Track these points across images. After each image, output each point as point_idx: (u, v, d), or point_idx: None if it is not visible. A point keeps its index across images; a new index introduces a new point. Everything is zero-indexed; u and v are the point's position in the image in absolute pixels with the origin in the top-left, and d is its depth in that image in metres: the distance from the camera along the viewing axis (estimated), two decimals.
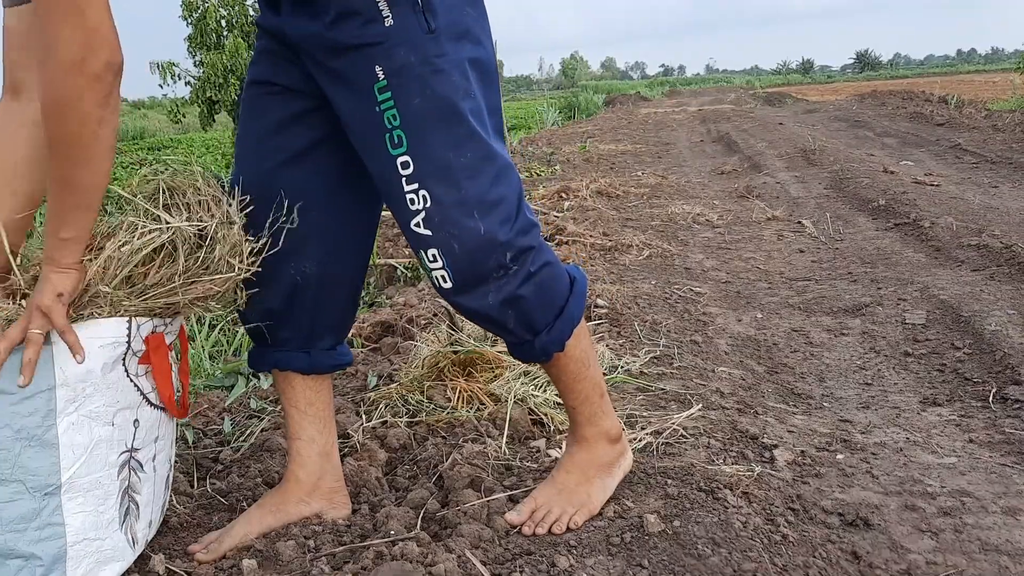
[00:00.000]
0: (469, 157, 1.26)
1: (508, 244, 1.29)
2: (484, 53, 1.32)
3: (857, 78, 60.57)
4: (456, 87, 1.26)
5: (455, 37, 1.27)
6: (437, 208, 1.26)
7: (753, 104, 20.35)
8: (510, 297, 1.32)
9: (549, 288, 1.37)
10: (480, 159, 1.27)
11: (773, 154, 8.43)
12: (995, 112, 11.39)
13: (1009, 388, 2.24)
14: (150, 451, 1.34)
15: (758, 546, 1.39)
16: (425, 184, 1.26)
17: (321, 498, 1.53)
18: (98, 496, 1.24)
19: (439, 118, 1.25)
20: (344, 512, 1.55)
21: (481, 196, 1.27)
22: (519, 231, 1.31)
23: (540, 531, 1.43)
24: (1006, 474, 1.74)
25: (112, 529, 1.27)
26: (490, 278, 1.30)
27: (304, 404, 1.51)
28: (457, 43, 1.27)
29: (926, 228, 4.31)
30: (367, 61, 1.24)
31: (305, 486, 1.52)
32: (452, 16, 1.26)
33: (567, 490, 1.48)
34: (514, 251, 1.30)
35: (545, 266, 1.36)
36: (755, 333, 2.95)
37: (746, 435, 1.90)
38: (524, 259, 1.32)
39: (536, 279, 1.34)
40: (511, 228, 1.30)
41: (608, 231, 4.49)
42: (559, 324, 1.39)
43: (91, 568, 1.24)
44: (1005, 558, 1.42)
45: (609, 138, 11.76)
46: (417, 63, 1.24)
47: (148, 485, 1.34)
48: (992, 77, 29.92)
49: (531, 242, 1.33)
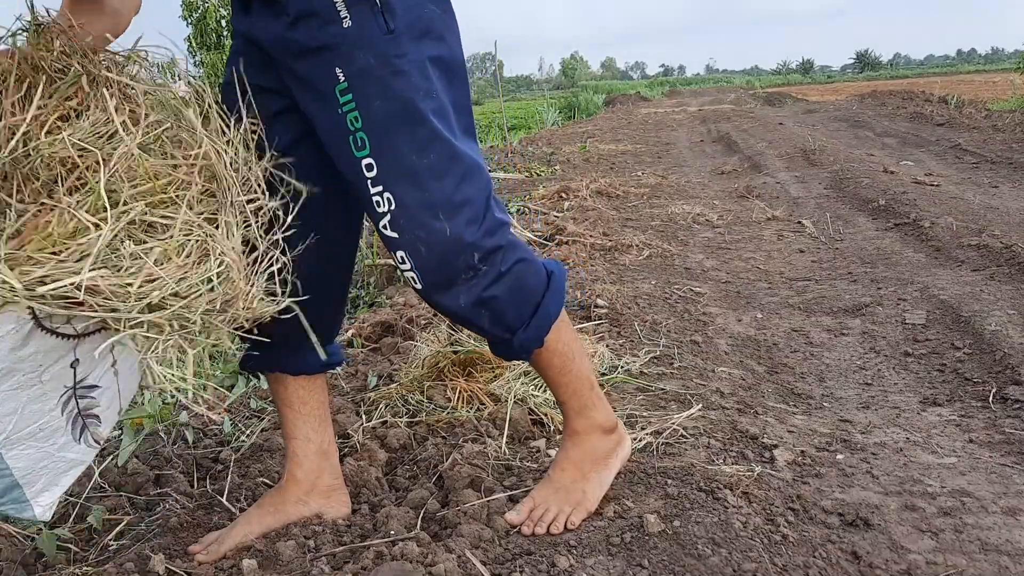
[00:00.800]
0: (433, 158, 1.25)
1: (475, 245, 1.28)
2: (448, 51, 1.30)
3: (857, 78, 60.58)
4: (416, 87, 1.24)
5: (416, 36, 1.25)
6: (402, 210, 1.25)
7: (753, 104, 20.36)
8: (481, 298, 1.32)
9: (523, 286, 1.36)
10: (445, 160, 1.26)
11: (773, 154, 8.43)
12: (995, 112, 11.40)
13: (1009, 388, 2.24)
14: (103, 368, 1.30)
15: (758, 546, 1.39)
16: (389, 186, 1.25)
17: (319, 497, 1.53)
18: (43, 436, 1.23)
19: (401, 120, 1.24)
20: (343, 511, 1.54)
21: (447, 197, 1.26)
22: (486, 231, 1.30)
23: (539, 531, 1.43)
24: (1006, 474, 1.74)
25: (67, 449, 1.26)
26: (459, 279, 1.29)
27: (298, 404, 1.51)
28: (418, 42, 1.25)
29: (926, 228, 4.31)
30: (327, 63, 1.24)
31: (303, 485, 1.52)
32: (412, 15, 1.25)
33: (563, 488, 1.49)
34: (482, 252, 1.29)
35: (518, 263, 1.35)
36: (755, 333, 2.95)
37: (746, 435, 1.90)
38: (493, 259, 1.31)
39: (508, 278, 1.33)
40: (478, 228, 1.29)
41: (608, 231, 4.49)
42: (536, 321, 1.39)
43: (50, 481, 1.24)
44: (1005, 558, 1.42)
45: (609, 138, 11.76)
46: (376, 65, 1.23)
47: (108, 393, 1.31)
48: (992, 77, 29.91)
49: (499, 241, 1.32)
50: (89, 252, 1.08)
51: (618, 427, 1.57)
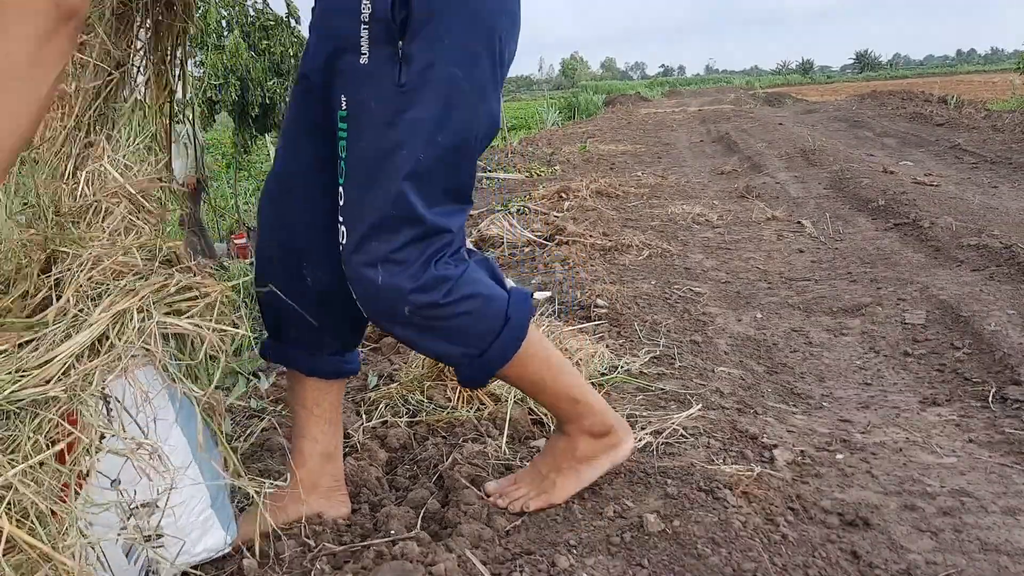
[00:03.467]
0: (393, 216, 1.25)
1: (407, 299, 1.28)
2: (461, 123, 1.27)
3: (857, 78, 60.57)
4: (401, 145, 1.24)
5: (428, 99, 1.24)
6: (346, 250, 1.29)
7: (753, 104, 20.37)
8: (415, 340, 1.35)
9: (466, 333, 1.35)
10: (401, 221, 1.25)
11: (773, 154, 8.43)
12: (995, 112, 11.40)
13: (1009, 388, 2.24)
14: None
15: (758, 546, 1.39)
16: (346, 223, 1.28)
17: (319, 497, 1.53)
18: None
19: (377, 168, 1.25)
20: (343, 511, 1.55)
21: (387, 254, 1.26)
22: (422, 287, 1.28)
23: (500, 504, 1.52)
24: (1006, 474, 1.74)
25: None
26: (395, 320, 1.31)
27: (311, 403, 1.52)
28: (424, 105, 1.24)
29: (926, 228, 4.31)
30: (339, 88, 1.28)
31: (304, 485, 1.52)
32: (432, 76, 1.23)
33: (539, 475, 1.56)
34: (412, 306, 1.28)
35: (461, 316, 1.33)
36: (755, 333, 2.95)
37: (746, 435, 1.90)
38: (429, 313, 1.30)
39: (446, 328, 1.33)
40: (415, 282, 1.27)
41: (608, 231, 4.49)
42: (481, 362, 1.38)
43: None
44: (1005, 558, 1.42)
45: (609, 138, 11.77)
46: (376, 110, 1.24)
47: None
48: (992, 77, 29.92)
49: (434, 298, 1.29)
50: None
51: (613, 432, 1.56)
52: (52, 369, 1.09)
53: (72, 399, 1.08)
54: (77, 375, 1.10)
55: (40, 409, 1.06)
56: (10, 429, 1.05)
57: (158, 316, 1.20)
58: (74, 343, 1.12)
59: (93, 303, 1.19)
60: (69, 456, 1.08)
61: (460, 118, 1.27)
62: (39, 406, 1.06)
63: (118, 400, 1.15)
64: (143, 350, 1.17)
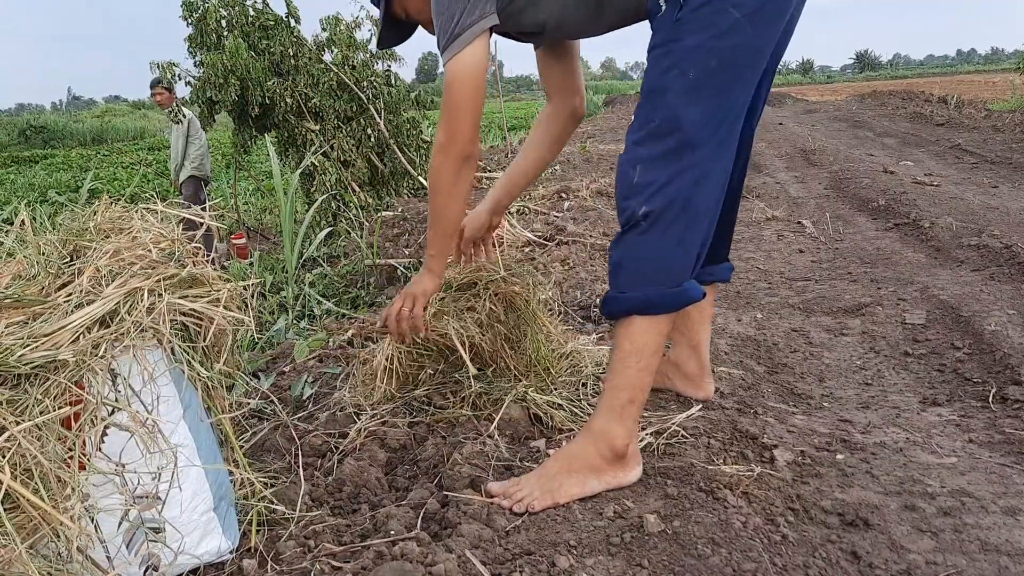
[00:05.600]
0: (653, 126, 1.50)
1: (644, 198, 1.50)
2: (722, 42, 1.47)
3: (857, 78, 60.58)
4: (666, 70, 1.49)
5: (693, 29, 1.47)
6: (624, 150, 1.56)
7: None
8: (619, 239, 1.57)
9: (644, 262, 1.54)
10: (662, 132, 1.49)
11: (773, 154, 8.43)
12: (995, 112, 11.40)
13: (1009, 388, 2.24)
14: None
15: (758, 546, 1.39)
16: (628, 133, 1.56)
17: (682, 380, 2.03)
18: None
19: (651, 90, 1.52)
20: (704, 394, 2.06)
21: (646, 158, 1.50)
22: (649, 196, 1.50)
23: (504, 504, 1.53)
24: (1006, 474, 1.74)
25: None
26: (628, 219, 1.53)
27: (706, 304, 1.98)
28: (694, 33, 1.47)
29: (926, 228, 4.31)
30: (655, 31, 1.55)
31: (668, 363, 2.03)
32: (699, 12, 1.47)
33: (546, 475, 1.57)
34: (644, 209, 1.50)
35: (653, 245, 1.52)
36: (755, 333, 2.95)
37: (746, 435, 1.90)
38: (647, 220, 1.50)
39: (643, 241, 1.52)
40: (654, 189, 1.49)
41: (608, 231, 4.49)
42: (624, 299, 1.55)
43: None
44: (1005, 558, 1.42)
45: (609, 138, 11.76)
46: (659, 42, 1.52)
47: None
48: (992, 77, 29.92)
49: (652, 207, 1.50)
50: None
51: (628, 458, 1.60)
52: (63, 336, 1.13)
53: (80, 365, 1.12)
54: (87, 342, 1.13)
55: (50, 373, 1.10)
56: (19, 392, 1.08)
57: (168, 297, 1.23)
58: (85, 313, 1.16)
59: (107, 284, 1.23)
60: (75, 424, 1.11)
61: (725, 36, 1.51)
62: (48, 370, 1.10)
63: (124, 377, 1.18)
64: (152, 329, 1.20)
